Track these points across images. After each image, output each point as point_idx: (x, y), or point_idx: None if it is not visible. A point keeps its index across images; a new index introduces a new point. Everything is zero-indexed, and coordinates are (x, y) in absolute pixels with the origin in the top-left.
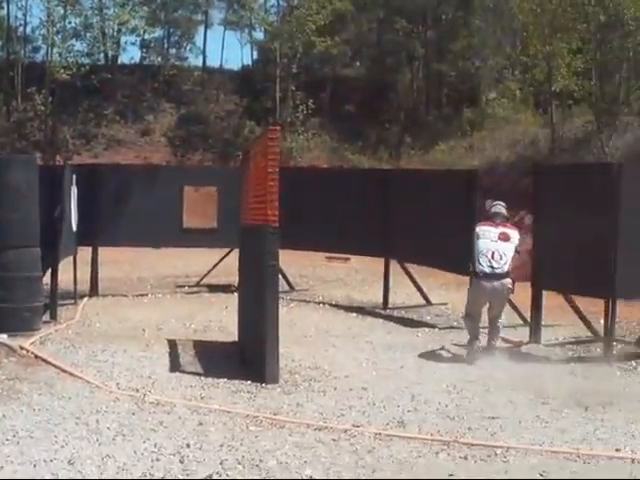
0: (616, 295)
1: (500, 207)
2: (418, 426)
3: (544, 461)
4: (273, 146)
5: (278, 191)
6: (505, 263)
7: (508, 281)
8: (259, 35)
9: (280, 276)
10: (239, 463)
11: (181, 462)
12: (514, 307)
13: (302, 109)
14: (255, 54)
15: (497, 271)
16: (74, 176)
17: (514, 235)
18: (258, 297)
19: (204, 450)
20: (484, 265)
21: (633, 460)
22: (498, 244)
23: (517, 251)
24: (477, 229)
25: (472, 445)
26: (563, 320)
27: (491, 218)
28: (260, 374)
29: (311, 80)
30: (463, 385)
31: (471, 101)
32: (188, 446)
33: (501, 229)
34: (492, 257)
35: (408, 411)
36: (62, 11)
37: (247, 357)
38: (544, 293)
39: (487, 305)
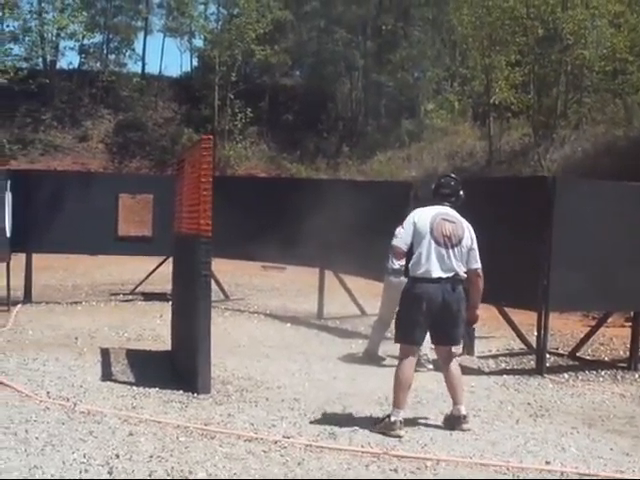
0: (549, 307)
1: None
2: (349, 438)
3: (474, 474)
4: (206, 155)
5: (212, 200)
6: None
7: None
8: (199, 43)
9: (215, 285)
10: (168, 475)
11: (110, 473)
12: None
13: (241, 117)
14: (195, 61)
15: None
16: (9, 182)
17: None
18: (191, 307)
19: (133, 461)
20: (395, 263)
21: (562, 473)
22: None
23: None
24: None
25: (402, 457)
26: (498, 332)
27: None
28: (192, 384)
29: (250, 89)
30: None
31: (410, 112)
32: (117, 457)
33: None
34: None
35: (339, 422)
36: (0, 14)
37: (179, 367)
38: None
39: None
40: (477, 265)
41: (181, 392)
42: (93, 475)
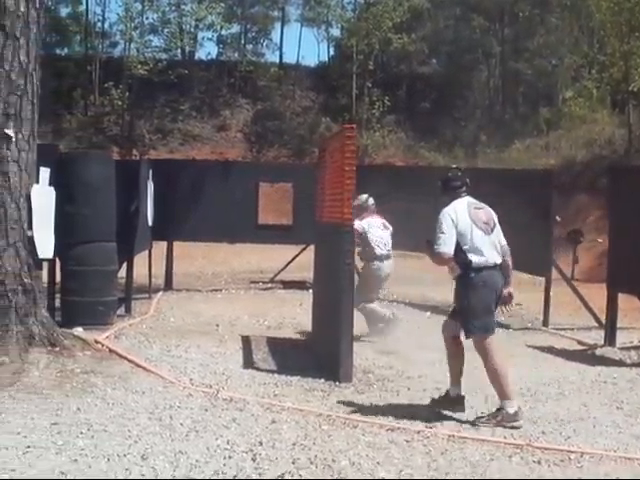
0: None
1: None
2: (492, 429)
3: (618, 468)
4: (349, 144)
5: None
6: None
7: None
8: (336, 32)
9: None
10: (311, 462)
11: (253, 460)
12: (589, 309)
13: (378, 106)
14: (332, 51)
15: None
16: (150, 171)
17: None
18: (333, 296)
19: (277, 448)
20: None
21: None
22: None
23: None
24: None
25: (546, 449)
26: (639, 324)
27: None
28: (334, 373)
29: (387, 77)
30: (537, 388)
31: (547, 100)
32: (261, 444)
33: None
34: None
35: (481, 413)
36: (140, 7)
37: (321, 355)
38: (620, 295)
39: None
40: (505, 242)
41: (323, 380)
42: (237, 461)
